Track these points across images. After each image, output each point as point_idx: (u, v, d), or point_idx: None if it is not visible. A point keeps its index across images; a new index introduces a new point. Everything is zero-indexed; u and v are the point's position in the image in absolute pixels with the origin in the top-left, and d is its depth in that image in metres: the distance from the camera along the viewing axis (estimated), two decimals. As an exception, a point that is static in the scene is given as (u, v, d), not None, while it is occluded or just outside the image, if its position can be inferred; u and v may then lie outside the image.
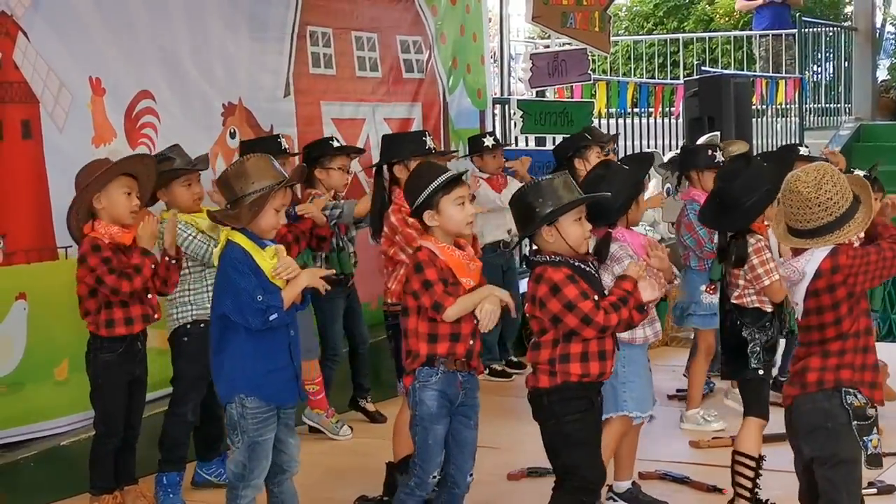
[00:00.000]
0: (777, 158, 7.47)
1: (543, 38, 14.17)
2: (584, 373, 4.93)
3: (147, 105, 7.11)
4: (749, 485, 5.77)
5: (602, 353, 4.95)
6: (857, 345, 4.69)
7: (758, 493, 5.80)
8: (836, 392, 4.67)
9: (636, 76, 17.94)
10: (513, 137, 10.76)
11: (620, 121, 12.62)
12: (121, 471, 6.05)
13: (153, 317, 5.98)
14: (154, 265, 5.82)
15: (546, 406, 4.97)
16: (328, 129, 8.44)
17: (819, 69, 18.04)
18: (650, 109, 13.13)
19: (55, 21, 6.56)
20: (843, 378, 4.67)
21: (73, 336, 6.14)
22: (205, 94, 7.59)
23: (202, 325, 6.07)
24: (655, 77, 18.32)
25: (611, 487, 6.05)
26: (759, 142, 14.20)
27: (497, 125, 10.77)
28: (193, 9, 7.53)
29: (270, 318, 4.91)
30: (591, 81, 11.87)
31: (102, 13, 6.87)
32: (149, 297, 5.92)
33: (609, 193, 5.34)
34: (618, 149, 9.73)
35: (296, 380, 5.12)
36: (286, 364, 5.07)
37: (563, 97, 12.63)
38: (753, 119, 13.63)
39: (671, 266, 5.77)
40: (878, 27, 20.40)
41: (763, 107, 15.29)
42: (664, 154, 10.74)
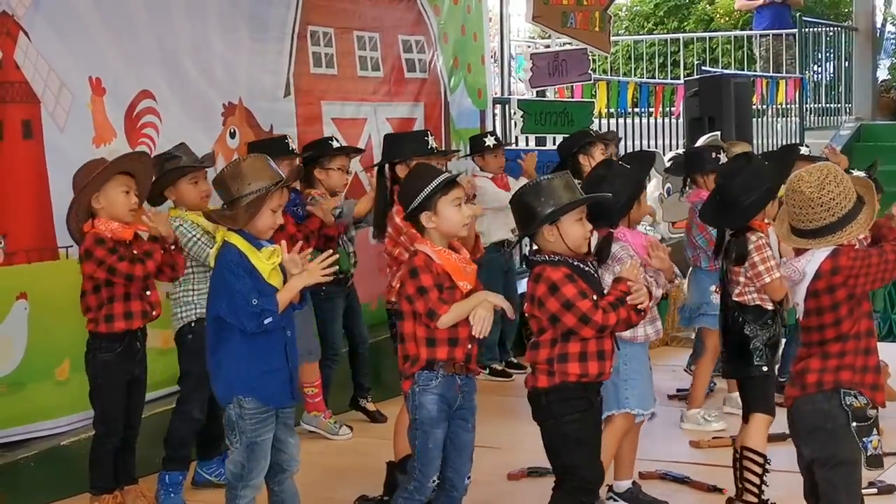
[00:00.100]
0: (778, 158, 7.47)
1: (544, 38, 14.17)
2: (583, 373, 4.92)
3: (147, 105, 7.11)
4: (757, 481, 5.74)
5: (601, 353, 4.94)
6: (858, 346, 4.68)
7: (763, 492, 5.77)
8: (836, 393, 4.66)
9: (636, 76, 17.94)
10: (513, 137, 10.75)
11: (621, 121, 12.61)
12: (121, 471, 6.05)
13: (152, 314, 5.98)
14: (163, 249, 5.84)
15: (545, 406, 4.97)
16: (328, 129, 8.43)
17: (819, 69, 18.05)
18: (650, 109, 13.14)
19: (56, 21, 6.56)
20: (843, 379, 4.66)
21: (74, 336, 6.13)
22: (205, 94, 7.58)
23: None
24: (656, 77, 18.32)
25: (611, 487, 6.05)
26: (760, 142, 14.21)
27: (497, 125, 10.77)
28: (194, 9, 7.52)
29: (265, 322, 4.90)
30: (592, 81, 11.88)
31: (103, 13, 6.87)
32: (148, 294, 5.93)
33: (610, 194, 5.33)
34: (618, 150, 9.71)
35: (290, 382, 5.10)
36: (281, 366, 5.04)
37: (564, 97, 12.62)
38: (754, 119, 13.64)
39: (672, 265, 5.78)
40: (879, 27, 20.39)
41: (763, 107, 15.29)
42: (664, 154, 10.75)
